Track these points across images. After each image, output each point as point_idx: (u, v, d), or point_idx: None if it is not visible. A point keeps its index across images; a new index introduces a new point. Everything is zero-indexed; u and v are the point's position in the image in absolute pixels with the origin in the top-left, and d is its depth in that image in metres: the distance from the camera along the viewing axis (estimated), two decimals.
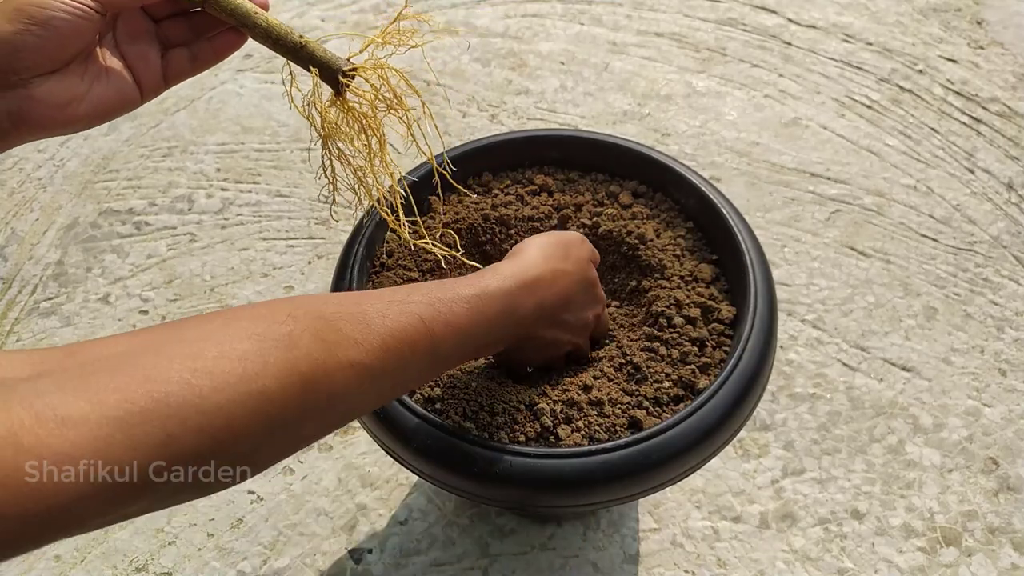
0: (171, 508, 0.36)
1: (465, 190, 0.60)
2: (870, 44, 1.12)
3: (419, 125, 0.46)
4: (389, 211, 0.48)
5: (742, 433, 0.72)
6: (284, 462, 0.73)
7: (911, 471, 0.71)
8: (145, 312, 0.85)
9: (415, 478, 0.70)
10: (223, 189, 0.97)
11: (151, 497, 0.28)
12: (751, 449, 0.73)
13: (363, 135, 0.45)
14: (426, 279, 0.55)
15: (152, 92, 0.41)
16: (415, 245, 0.53)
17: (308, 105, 0.43)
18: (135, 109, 0.41)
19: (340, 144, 0.45)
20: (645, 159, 0.61)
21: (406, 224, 0.48)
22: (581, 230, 0.60)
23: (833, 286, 0.84)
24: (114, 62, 0.39)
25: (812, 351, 0.79)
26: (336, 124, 0.44)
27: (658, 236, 0.58)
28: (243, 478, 0.31)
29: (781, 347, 0.79)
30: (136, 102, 0.40)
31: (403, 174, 0.56)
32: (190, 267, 0.89)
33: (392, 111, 0.45)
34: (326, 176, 0.46)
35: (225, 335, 0.31)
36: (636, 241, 0.57)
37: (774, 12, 1.17)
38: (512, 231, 0.60)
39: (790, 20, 1.16)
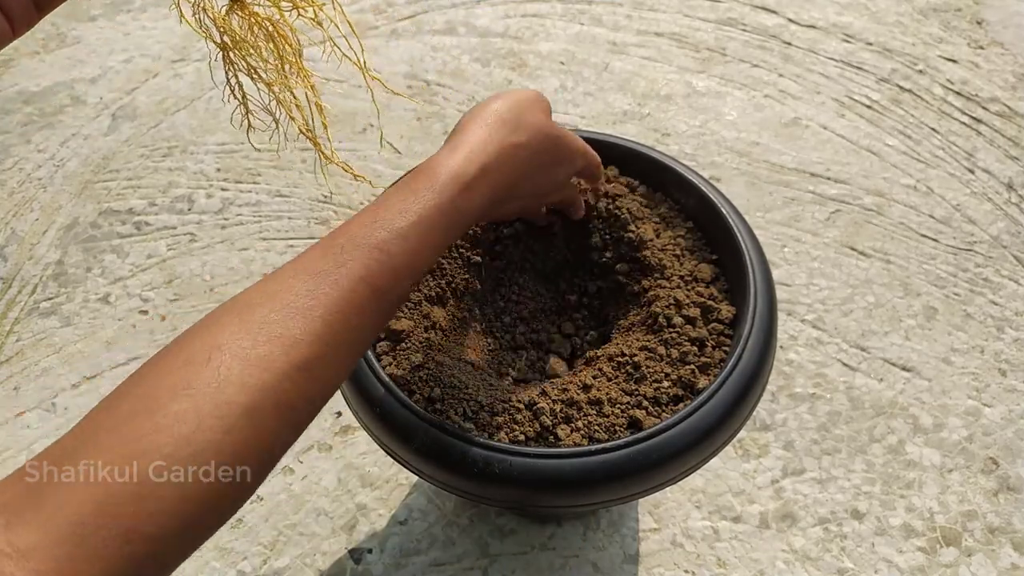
0: None
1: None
2: (870, 44, 1.12)
3: (334, 23, 0.39)
4: (310, 129, 0.42)
5: (742, 433, 0.72)
6: (284, 462, 0.73)
7: (911, 471, 0.71)
8: (145, 312, 0.85)
9: (415, 478, 0.70)
10: (223, 189, 0.97)
11: None
12: (751, 449, 0.73)
13: (272, 44, 0.39)
14: (426, 278, 0.55)
15: (24, 23, 0.36)
16: (335, 165, 0.46)
17: (199, 13, 0.36)
18: (6, 45, 0.36)
19: (248, 58, 0.39)
20: (645, 159, 0.61)
21: (331, 144, 0.43)
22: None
23: (833, 286, 0.84)
24: None
25: (812, 351, 0.79)
26: (238, 34, 0.37)
27: (658, 236, 0.58)
28: (227, 519, 0.31)
29: (781, 347, 0.79)
30: (7, 36, 0.36)
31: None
32: (190, 267, 0.89)
33: (299, 9, 0.38)
34: (235, 97, 0.40)
35: (154, 400, 0.29)
36: (636, 240, 0.57)
37: (774, 12, 1.17)
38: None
39: (790, 20, 1.16)
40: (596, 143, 0.62)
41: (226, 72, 0.39)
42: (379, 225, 0.36)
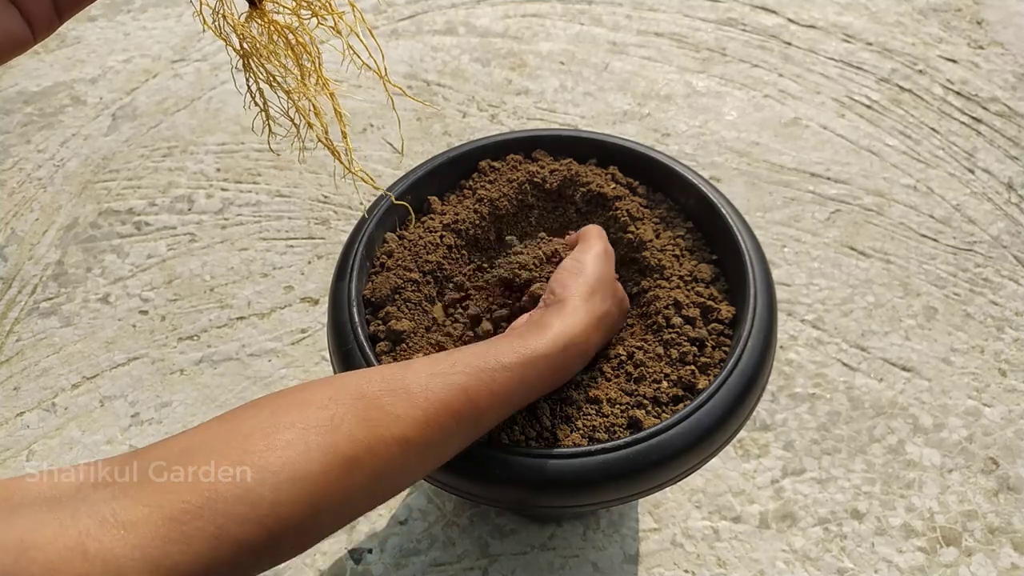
0: None
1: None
2: (870, 44, 1.12)
3: (356, 35, 0.40)
4: (330, 139, 0.43)
5: (742, 433, 0.72)
6: None
7: (911, 471, 0.71)
8: (145, 312, 0.85)
9: None
10: (223, 189, 0.97)
11: None
12: (751, 449, 0.73)
13: (291, 52, 0.39)
14: (426, 279, 0.55)
15: (45, 29, 0.36)
16: (354, 175, 0.46)
17: (219, 19, 0.37)
18: (28, 49, 0.36)
19: (267, 65, 0.39)
20: (645, 159, 0.61)
21: (351, 150, 0.44)
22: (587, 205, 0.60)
23: (833, 286, 0.84)
24: None
25: (812, 351, 0.79)
26: (258, 41, 0.38)
27: (657, 236, 0.58)
28: (296, 554, 0.33)
29: (781, 347, 0.79)
30: (28, 42, 0.36)
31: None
32: (190, 267, 0.89)
33: (319, 18, 0.39)
34: (256, 104, 0.41)
35: (271, 426, 0.33)
36: (635, 241, 0.57)
37: (774, 12, 1.17)
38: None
39: (790, 20, 1.16)
40: (596, 143, 0.62)
41: (247, 79, 0.40)
42: (490, 356, 0.41)
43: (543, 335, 0.43)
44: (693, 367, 0.50)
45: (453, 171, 0.62)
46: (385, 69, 0.42)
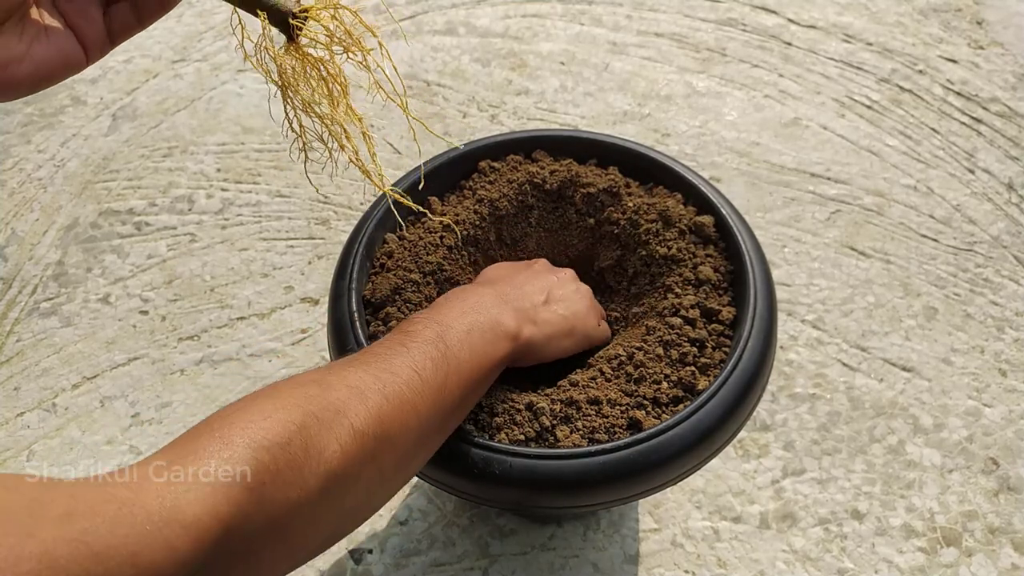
0: None
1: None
2: (870, 44, 1.12)
3: (381, 68, 0.44)
4: (361, 159, 0.48)
5: (742, 433, 0.72)
6: None
7: (911, 471, 0.71)
8: (145, 312, 0.85)
9: (415, 478, 0.70)
10: (223, 189, 0.97)
11: None
12: (751, 449, 0.73)
13: (323, 83, 0.43)
14: (426, 280, 0.55)
15: (98, 51, 0.39)
16: (386, 195, 0.52)
17: (260, 52, 0.41)
18: (82, 70, 0.39)
19: (302, 94, 0.43)
20: (645, 159, 0.61)
21: (381, 171, 0.49)
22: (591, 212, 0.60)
23: (833, 286, 0.84)
24: (53, 21, 0.37)
25: (812, 351, 0.79)
26: (294, 72, 0.42)
27: (657, 235, 0.58)
28: None
29: (781, 347, 0.79)
30: (81, 63, 0.38)
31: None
32: (190, 267, 0.89)
33: (349, 53, 0.43)
34: (293, 130, 0.44)
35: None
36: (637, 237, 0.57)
37: (774, 12, 1.17)
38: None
39: (790, 20, 1.16)
40: (596, 143, 0.62)
41: (285, 107, 0.44)
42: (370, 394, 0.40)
43: (422, 330, 0.44)
44: (693, 368, 0.50)
45: (453, 171, 0.62)
46: (405, 103, 0.46)
